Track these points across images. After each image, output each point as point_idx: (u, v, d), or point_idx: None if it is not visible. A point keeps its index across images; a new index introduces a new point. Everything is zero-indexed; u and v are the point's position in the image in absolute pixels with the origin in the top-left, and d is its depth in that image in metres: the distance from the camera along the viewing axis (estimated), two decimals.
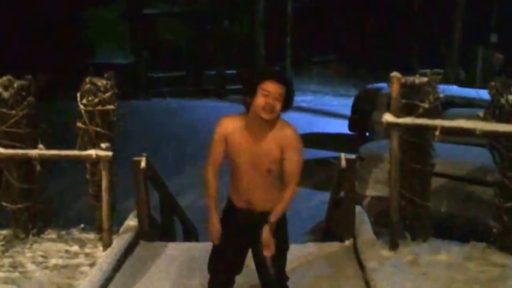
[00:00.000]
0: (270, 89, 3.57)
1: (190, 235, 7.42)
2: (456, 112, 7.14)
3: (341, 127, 14.92)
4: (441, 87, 5.58)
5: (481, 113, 5.25)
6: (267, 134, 3.68)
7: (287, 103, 3.67)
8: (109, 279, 5.03)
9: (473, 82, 17.38)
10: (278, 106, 3.59)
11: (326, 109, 19.18)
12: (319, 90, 24.10)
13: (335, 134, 15.08)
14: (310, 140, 14.10)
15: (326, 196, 7.01)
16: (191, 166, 11.46)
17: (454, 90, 10.83)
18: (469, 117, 5.16)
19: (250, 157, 3.71)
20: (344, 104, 16.53)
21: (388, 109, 5.31)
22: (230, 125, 3.78)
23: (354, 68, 26.09)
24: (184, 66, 23.55)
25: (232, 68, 21.90)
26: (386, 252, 5.33)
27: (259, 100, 3.57)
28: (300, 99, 21.66)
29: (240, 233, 3.92)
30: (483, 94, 6.24)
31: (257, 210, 3.83)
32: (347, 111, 14.77)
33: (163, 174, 6.50)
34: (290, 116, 3.78)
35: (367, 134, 12.74)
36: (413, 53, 23.83)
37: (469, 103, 8.93)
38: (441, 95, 5.45)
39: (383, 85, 11.64)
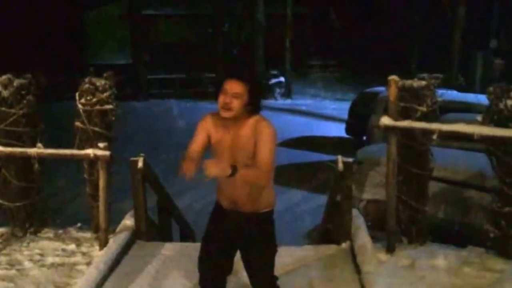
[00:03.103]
0: (227, 87, 3.67)
1: (187, 237, 7.42)
2: (455, 117, 7.14)
3: (339, 130, 14.94)
4: (440, 91, 5.59)
5: (479, 117, 5.26)
6: (242, 131, 3.72)
7: (254, 101, 3.71)
8: (105, 278, 5.03)
9: (472, 88, 17.43)
10: (235, 103, 3.64)
11: (325, 113, 19.20)
12: (318, 94, 24.15)
13: (333, 138, 15.11)
14: (308, 143, 14.15)
15: (323, 199, 7.02)
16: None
17: (453, 94, 10.84)
18: (467, 122, 5.17)
19: (229, 154, 3.74)
20: (342, 108, 16.56)
21: (385, 112, 5.32)
22: (212, 121, 3.85)
23: (353, 73, 26.16)
24: (183, 68, 23.58)
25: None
26: (382, 256, 5.33)
27: (219, 98, 3.69)
28: (299, 102, 21.73)
29: (228, 234, 3.94)
30: (482, 99, 6.26)
31: (243, 210, 3.86)
32: (345, 115, 14.80)
33: (161, 175, 6.50)
34: (288, 118, 3.81)
35: (364, 138, 12.76)
36: (412, 58, 23.88)
37: (467, 108, 8.93)
38: (440, 99, 5.47)
39: (381, 89, 11.65)
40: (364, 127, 11.86)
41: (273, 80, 23.06)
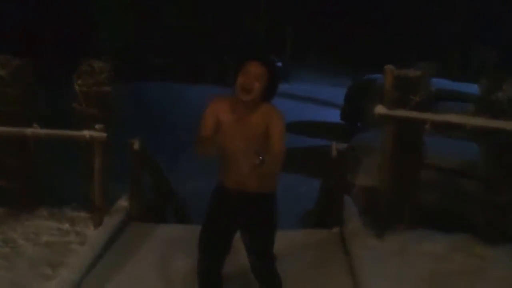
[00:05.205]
0: (250, 68, 3.64)
1: (183, 219, 7.46)
2: (448, 106, 7.18)
3: (334, 116, 14.97)
4: (432, 80, 5.64)
5: (472, 107, 5.32)
6: (253, 115, 3.72)
7: (271, 85, 3.73)
8: (99, 257, 5.10)
9: (467, 78, 17.48)
10: (257, 85, 3.63)
11: (321, 98, 19.22)
12: (316, 79, 24.15)
13: (328, 123, 15.14)
14: (304, 128, 14.18)
15: (316, 183, 7.07)
16: (187, 150, 11.47)
17: (445, 83, 10.85)
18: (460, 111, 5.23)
19: (238, 136, 3.72)
20: (339, 94, 16.55)
21: (380, 101, 5.38)
22: (221, 104, 3.82)
23: (351, 60, 26.12)
24: (184, 52, 23.56)
25: (231, 56, 21.93)
26: (372, 241, 5.40)
27: (239, 79, 3.65)
28: (296, 87, 21.72)
29: (230, 213, 3.93)
30: (473, 88, 6.34)
31: (249, 191, 3.83)
32: (342, 101, 14.82)
33: (159, 157, 6.53)
34: (284, 103, 3.84)
35: (358, 124, 12.80)
36: (410, 48, 23.88)
37: (458, 96, 8.98)
38: (433, 89, 5.52)
39: (377, 76, 11.65)
40: (359, 114, 11.89)
41: None
